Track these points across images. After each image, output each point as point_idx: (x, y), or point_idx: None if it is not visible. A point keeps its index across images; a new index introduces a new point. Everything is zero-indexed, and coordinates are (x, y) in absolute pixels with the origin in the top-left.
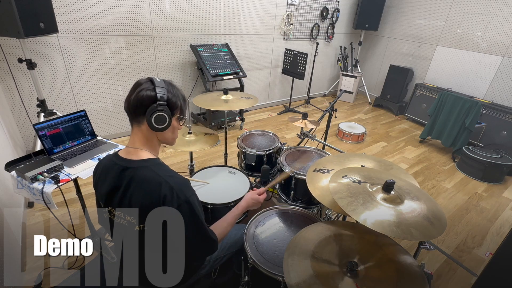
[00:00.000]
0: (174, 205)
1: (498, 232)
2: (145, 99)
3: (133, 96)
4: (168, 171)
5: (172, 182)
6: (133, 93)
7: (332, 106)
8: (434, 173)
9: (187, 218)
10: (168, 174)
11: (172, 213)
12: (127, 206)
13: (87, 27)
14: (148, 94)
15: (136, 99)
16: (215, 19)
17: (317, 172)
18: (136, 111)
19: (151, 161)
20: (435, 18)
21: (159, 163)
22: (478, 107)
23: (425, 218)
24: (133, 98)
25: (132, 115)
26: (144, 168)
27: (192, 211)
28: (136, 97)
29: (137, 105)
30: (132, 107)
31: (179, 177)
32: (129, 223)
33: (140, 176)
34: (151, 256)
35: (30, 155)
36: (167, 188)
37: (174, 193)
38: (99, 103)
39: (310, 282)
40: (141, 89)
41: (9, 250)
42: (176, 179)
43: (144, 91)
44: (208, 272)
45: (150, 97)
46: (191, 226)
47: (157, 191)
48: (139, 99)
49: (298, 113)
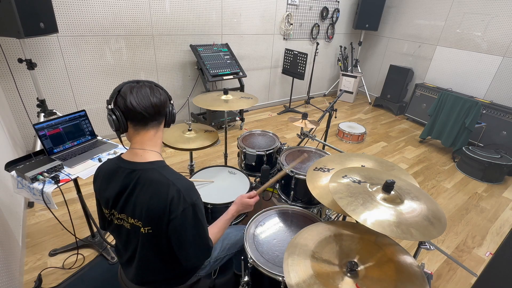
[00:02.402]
0: (180, 208)
1: (498, 232)
2: (163, 101)
3: (153, 99)
4: (174, 174)
5: (179, 184)
6: (149, 96)
7: (332, 106)
8: (434, 173)
9: (191, 221)
10: (175, 177)
11: (177, 215)
12: (132, 208)
13: (87, 27)
14: (164, 97)
15: (156, 102)
16: (215, 19)
17: (317, 170)
18: (159, 112)
19: (157, 163)
20: (435, 18)
21: (165, 166)
22: (478, 107)
23: (425, 218)
24: (153, 101)
25: (151, 117)
26: (151, 170)
27: (196, 215)
28: (156, 100)
29: (159, 107)
30: (153, 110)
31: (186, 180)
32: (132, 226)
33: (147, 178)
34: (153, 258)
35: (30, 155)
36: (174, 190)
37: (181, 196)
38: (99, 103)
39: (310, 282)
40: (155, 92)
41: (9, 250)
42: (183, 181)
43: (159, 94)
44: (208, 272)
45: (165, 99)
46: (194, 229)
47: (165, 193)
48: (161, 102)
49: (298, 113)
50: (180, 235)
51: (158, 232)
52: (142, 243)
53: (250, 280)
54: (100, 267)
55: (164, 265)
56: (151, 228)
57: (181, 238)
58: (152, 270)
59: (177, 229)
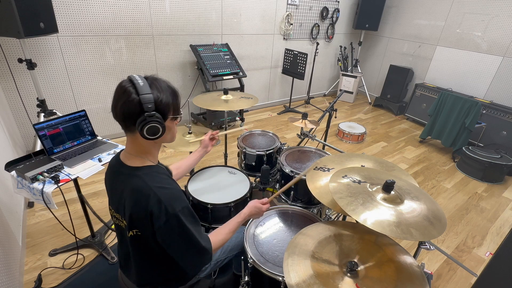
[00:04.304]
0: (162, 219)
1: (498, 232)
2: (131, 112)
3: (118, 108)
4: (159, 182)
5: (161, 194)
6: (117, 103)
7: (332, 106)
8: (434, 173)
9: (176, 231)
10: (158, 185)
11: (161, 226)
12: (122, 209)
13: (87, 27)
14: (133, 106)
15: (122, 112)
16: (215, 19)
17: (318, 170)
18: (125, 122)
19: (144, 170)
20: (435, 18)
21: (151, 172)
22: (478, 107)
23: (425, 218)
24: (118, 109)
25: (122, 125)
26: (135, 177)
27: (181, 225)
28: (121, 109)
29: (124, 118)
30: (119, 119)
31: (170, 188)
32: (126, 226)
33: (130, 185)
34: (148, 259)
35: (30, 155)
36: (155, 201)
37: (162, 206)
38: (99, 103)
39: (310, 282)
40: (124, 101)
41: (9, 250)
42: (166, 190)
43: (127, 103)
44: (208, 273)
45: (135, 109)
46: (182, 239)
47: (145, 204)
48: (125, 112)
49: (298, 113)
50: (170, 246)
51: (146, 236)
52: (132, 245)
53: (250, 280)
54: (100, 267)
55: (160, 267)
56: (139, 231)
57: (172, 248)
58: (150, 271)
59: (165, 239)
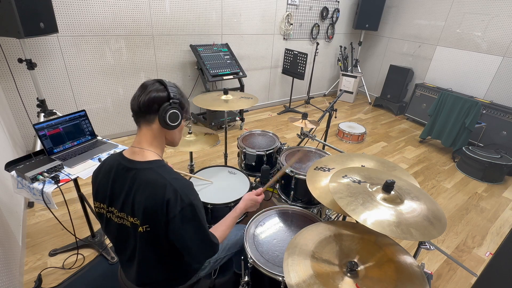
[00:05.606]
0: (177, 208)
1: (498, 232)
2: (158, 98)
3: (145, 96)
4: (172, 173)
5: (176, 184)
6: (143, 92)
7: (332, 106)
8: (434, 173)
9: (190, 221)
10: (172, 177)
11: (176, 215)
12: (130, 207)
13: (87, 27)
14: (161, 94)
15: (149, 98)
16: (215, 19)
17: (318, 170)
18: (148, 110)
19: (155, 163)
20: (435, 18)
21: (164, 165)
22: (478, 107)
23: (425, 218)
24: (145, 97)
25: (142, 114)
26: (148, 170)
27: (195, 214)
28: (149, 96)
29: (149, 104)
30: (143, 106)
31: (184, 179)
32: (132, 224)
33: (144, 178)
34: (153, 258)
35: (30, 155)
36: (171, 190)
37: (178, 196)
38: (99, 103)
39: (310, 282)
40: (152, 89)
41: (9, 250)
42: (180, 181)
43: (156, 91)
44: (208, 272)
45: (163, 96)
46: (193, 229)
47: (162, 194)
48: (152, 98)
49: (298, 113)
50: (182, 235)
51: (157, 231)
52: (141, 242)
53: (250, 280)
54: (100, 267)
55: (164, 266)
56: (149, 226)
57: (183, 237)
58: (153, 270)
59: (178, 228)
